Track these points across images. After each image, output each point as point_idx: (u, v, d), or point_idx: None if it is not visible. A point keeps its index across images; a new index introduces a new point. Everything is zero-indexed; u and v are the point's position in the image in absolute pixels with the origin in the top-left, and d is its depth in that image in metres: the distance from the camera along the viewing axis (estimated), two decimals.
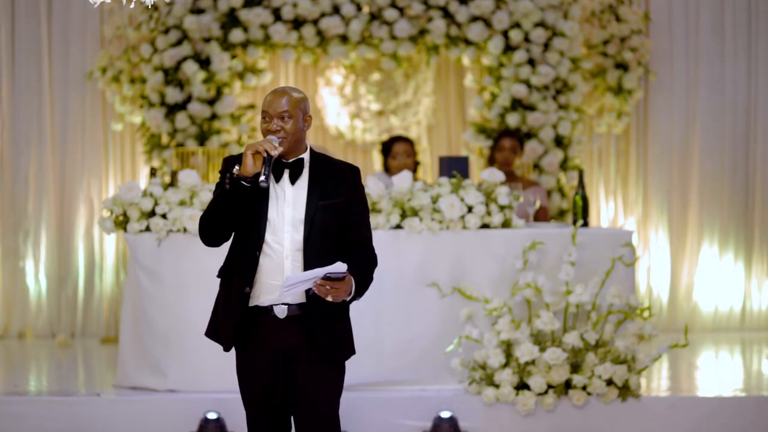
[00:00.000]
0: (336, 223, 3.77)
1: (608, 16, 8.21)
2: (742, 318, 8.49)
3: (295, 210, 3.75)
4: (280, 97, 3.75)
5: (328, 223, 3.75)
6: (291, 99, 3.74)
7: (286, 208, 3.74)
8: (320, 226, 3.73)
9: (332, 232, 3.77)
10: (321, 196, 3.75)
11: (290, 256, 3.72)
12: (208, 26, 7.70)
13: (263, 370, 3.75)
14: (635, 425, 5.68)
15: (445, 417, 5.60)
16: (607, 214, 8.62)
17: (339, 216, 3.77)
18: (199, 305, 5.77)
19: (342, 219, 3.78)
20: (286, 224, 3.73)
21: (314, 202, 3.75)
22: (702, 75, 8.45)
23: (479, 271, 5.88)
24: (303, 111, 3.77)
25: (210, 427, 5.55)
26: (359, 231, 3.82)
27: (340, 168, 3.83)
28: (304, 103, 3.79)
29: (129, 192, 5.85)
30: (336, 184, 3.79)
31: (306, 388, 3.74)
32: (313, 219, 3.73)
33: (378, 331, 5.78)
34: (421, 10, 7.72)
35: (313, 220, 3.72)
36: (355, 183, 3.83)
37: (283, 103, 3.74)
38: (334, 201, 3.76)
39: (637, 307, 5.81)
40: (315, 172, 3.79)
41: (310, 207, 3.74)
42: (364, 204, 3.86)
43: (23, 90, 8.26)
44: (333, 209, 3.76)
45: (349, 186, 3.81)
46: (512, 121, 7.80)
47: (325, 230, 3.75)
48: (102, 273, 8.33)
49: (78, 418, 5.67)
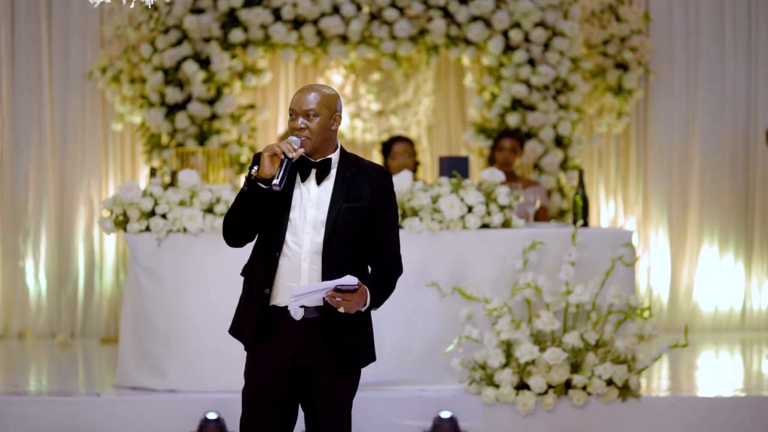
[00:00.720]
0: (359, 227, 3.68)
1: (608, 16, 8.21)
2: (742, 318, 8.49)
3: (318, 211, 3.67)
4: (307, 94, 3.66)
5: (351, 227, 3.66)
6: (317, 96, 3.65)
7: (309, 209, 3.67)
8: (342, 228, 3.65)
9: (355, 236, 3.68)
10: (346, 198, 3.67)
11: (308, 258, 3.65)
12: (208, 26, 7.70)
13: (273, 370, 3.71)
14: (635, 425, 5.68)
15: (445, 417, 5.60)
16: (607, 214, 8.62)
17: (364, 220, 3.68)
18: (199, 305, 5.79)
19: (367, 223, 3.69)
20: (308, 225, 3.66)
21: (338, 203, 3.66)
22: (702, 75, 8.45)
23: (479, 271, 5.88)
24: (330, 109, 3.67)
25: (210, 427, 5.55)
26: (384, 234, 3.72)
27: (368, 170, 3.73)
28: (332, 101, 3.68)
29: (129, 192, 5.85)
30: (362, 187, 3.69)
31: (318, 390, 3.70)
32: (336, 221, 3.65)
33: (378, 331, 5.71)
34: (421, 10, 7.72)
35: (335, 223, 3.64)
36: (383, 186, 3.72)
37: (309, 100, 3.65)
38: (359, 204, 3.68)
39: (637, 307, 5.81)
40: (342, 173, 3.70)
41: (334, 209, 3.66)
42: (391, 208, 3.75)
43: (23, 90, 8.26)
44: (357, 212, 3.67)
45: (376, 189, 3.70)
46: (512, 121, 7.80)
47: (347, 234, 3.66)
48: (102, 273, 8.32)
49: (78, 418, 5.66)
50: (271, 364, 3.71)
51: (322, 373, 3.70)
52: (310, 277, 3.66)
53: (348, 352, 3.71)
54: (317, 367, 3.69)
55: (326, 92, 3.68)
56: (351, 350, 3.72)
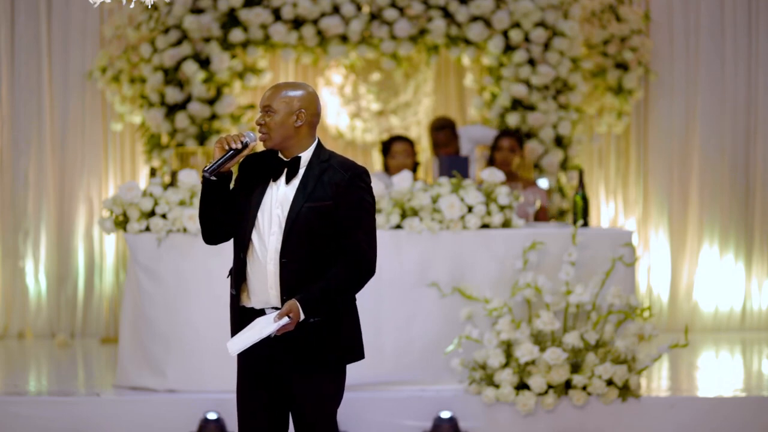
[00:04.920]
0: (322, 227, 3.57)
1: (608, 16, 8.21)
2: (742, 318, 8.48)
3: (282, 211, 3.60)
4: (271, 91, 3.63)
5: (312, 227, 3.56)
6: (280, 93, 3.60)
7: (275, 209, 3.61)
8: (302, 229, 3.55)
9: (317, 236, 3.57)
10: (309, 198, 3.57)
11: (273, 259, 3.59)
12: (208, 26, 7.70)
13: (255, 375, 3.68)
14: (635, 425, 5.68)
15: (445, 417, 5.60)
16: (607, 214, 8.62)
17: (326, 220, 3.58)
18: (200, 305, 5.79)
19: (331, 223, 3.59)
20: (273, 225, 3.60)
21: (299, 202, 3.57)
22: (702, 75, 8.45)
23: (479, 271, 5.88)
24: (291, 106, 3.60)
25: (210, 427, 5.55)
26: (352, 234, 3.58)
27: (335, 168, 3.61)
28: (296, 99, 3.60)
29: (129, 192, 5.85)
30: (327, 185, 3.58)
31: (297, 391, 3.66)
32: (295, 221, 3.56)
33: (378, 331, 5.78)
34: (421, 10, 7.72)
35: (294, 222, 3.56)
36: (350, 184, 3.59)
37: (269, 96, 3.61)
38: (322, 203, 3.57)
39: (637, 307, 5.81)
40: (310, 172, 3.61)
41: (294, 208, 3.58)
42: (360, 207, 3.61)
43: (23, 90, 8.26)
44: (319, 212, 3.56)
45: (342, 187, 3.58)
46: (512, 121, 7.81)
47: (308, 234, 3.56)
48: (102, 273, 8.32)
49: (78, 418, 5.67)
50: (252, 369, 3.68)
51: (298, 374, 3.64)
52: (276, 278, 3.59)
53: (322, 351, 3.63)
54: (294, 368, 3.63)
55: (292, 89, 3.63)
56: (326, 349, 3.64)
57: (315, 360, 3.63)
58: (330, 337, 3.64)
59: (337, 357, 3.68)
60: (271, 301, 3.62)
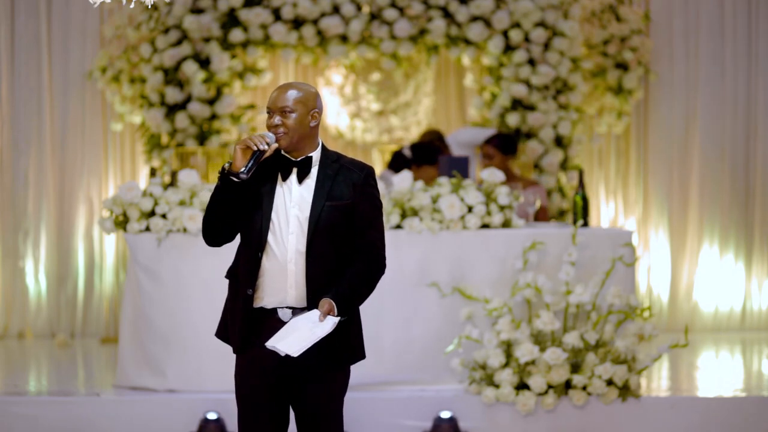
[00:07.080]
0: (343, 226, 3.65)
1: (608, 16, 8.21)
2: (742, 318, 8.48)
3: (301, 211, 3.64)
4: (284, 91, 3.65)
5: (335, 226, 3.63)
6: (293, 93, 3.64)
7: (291, 209, 3.64)
8: (325, 228, 3.62)
9: (339, 235, 3.65)
10: (328, 197, 3.64)
11: (294, 259, 3.63)
12: (208, 26, 7.70)
13: (262, 373, 3.68)
14: (635, 425, 5.68)
15: (445, 417, 5.60)
16: (607, 214, 8.62)
17: (347, 218, 3.65)
18: (199, 305, 5.79)
19: (350, 221, 3.66)
20: (291, 225, 3.64)
21: (320, 202, 3.63)
22: (702, 75, 8.45)
23: (479, 271, 5.88)
24: (307, 106, 3.65)
25: (210, 427, 5.55)
26: (368, 233, 3.68)
27: (349, 167, 3.69)
28: (310, 98, 3.66)
29: (129, 192, 5.85)
30: (344, 185, 3.65)
31: (308, 390, 3.69)
32: (318, 221, 3.62)
33: (378, 331, 5.78)
34: (421, 10, 7.72)
35: (317, 222, 3.62)
36: (365, 183, 3.67)
37: (284, 97, 3.63)
38: (341, 202, 3.65)
39: (637, 307, 5.81)
40: (324, 172, 3.67)
41: (316, 208, 3.63)
42: (374, 205, 3.70)
43: (23, 90, 8.26)
44: (340, 211, 3.64)
45: (358, 186, 3.66)
46: (512, 121, 7.81)
47: (331, 233, 3.63)
48: (102, 273, 8.32)
49: (78, 418, 5.66)
50: (260, 367, 3.69)
51: (310, 373, 3.67)
52: (296, 277, 3.63)
53: (336, 350, 3.68)
54: (306, 367, 3.66)
55: (303, 89, 3.67)
56: (339, 347, 3.69)
57: (331, 358, 3.68)
58: (342, 336, 3.68)
59: (348, 355, 3.74)
60: (287, 301, 3.65)
